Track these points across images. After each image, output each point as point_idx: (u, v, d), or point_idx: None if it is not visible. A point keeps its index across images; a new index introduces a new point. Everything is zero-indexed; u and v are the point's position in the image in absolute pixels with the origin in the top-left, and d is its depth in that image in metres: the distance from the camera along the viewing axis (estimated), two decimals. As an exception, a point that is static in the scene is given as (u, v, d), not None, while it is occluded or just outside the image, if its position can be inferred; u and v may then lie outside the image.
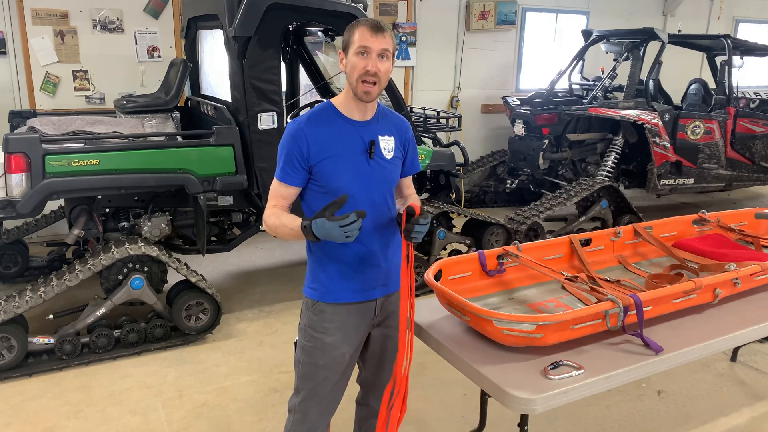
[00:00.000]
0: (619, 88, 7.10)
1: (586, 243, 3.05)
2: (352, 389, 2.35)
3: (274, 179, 2.13)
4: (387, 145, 2.15)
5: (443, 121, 5.68)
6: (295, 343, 2.25)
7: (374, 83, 2.01)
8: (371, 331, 2.26)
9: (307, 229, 1.95)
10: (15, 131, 4.36)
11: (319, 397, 2.20)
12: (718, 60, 7.20)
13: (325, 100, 5.36)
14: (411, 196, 2.37)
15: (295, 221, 2.02)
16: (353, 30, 2.03)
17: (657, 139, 6.46)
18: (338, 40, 5.34)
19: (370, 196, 2.11)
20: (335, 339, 2.15)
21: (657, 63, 6.93)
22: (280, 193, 2.11)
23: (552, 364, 2.11)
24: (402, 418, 2.24)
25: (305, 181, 2.10)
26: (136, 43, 6.03)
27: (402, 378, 2.18)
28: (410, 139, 2.27)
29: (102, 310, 3.88)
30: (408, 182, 2.36)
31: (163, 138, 4.16)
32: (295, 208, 2.15)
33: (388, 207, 2.18)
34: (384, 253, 2.17)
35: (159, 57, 6.11)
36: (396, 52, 2.11)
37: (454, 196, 5.48)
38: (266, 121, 4.11)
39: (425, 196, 5.29)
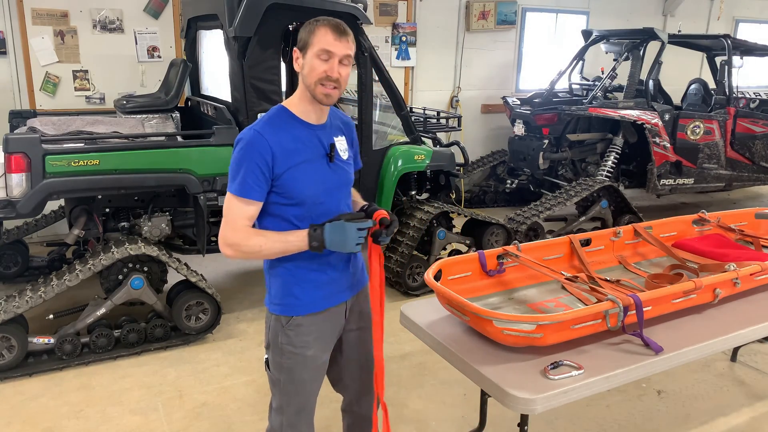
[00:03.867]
0: (619, 88, 7.11)
1: (586, 243, 3.05)
2: (336, 397, 2.33)
3: (230, 197, 1.94)
4: (341, 145, 2.11)
5: (443, 121, 5.68)
6: (266, 361, 2.17)
7: (335, 87, 1.95)
8: (343, 335, 2.22)
9: (317, 233, 1.90)
10: (15, 131, 4.36)
11: (307, 410, 2.17)
12: (718, 60, 7.20)
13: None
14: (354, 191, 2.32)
15: (293, 233, 1.94)
16: (314, 29, 1.92)
17: (657, 139, 6.47)
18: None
19: (335, 201, 2.06)
20: (315, 350, 2.10)
21: (657, 63, 6.94)
22: (243, 213, 1.93)
23: (552, 364, 2.11)
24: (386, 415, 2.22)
25: (266, 196, 1.96)
26: (136, 43, 6.03)
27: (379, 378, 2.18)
28: (355, 136, 2.23)
29: (102, 310, 3.87)
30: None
31: (163, 138, 4.16)
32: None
33: (349, 208, 2.15)
34: (349, 255, 2.13)
35: (159, 57, 6.11)
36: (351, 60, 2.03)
37: (454, 196, 5.48)
38: (266, 121, 4.10)
39: (425, 196, 5.29)
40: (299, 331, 2.07)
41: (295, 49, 1.98)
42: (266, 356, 2.16)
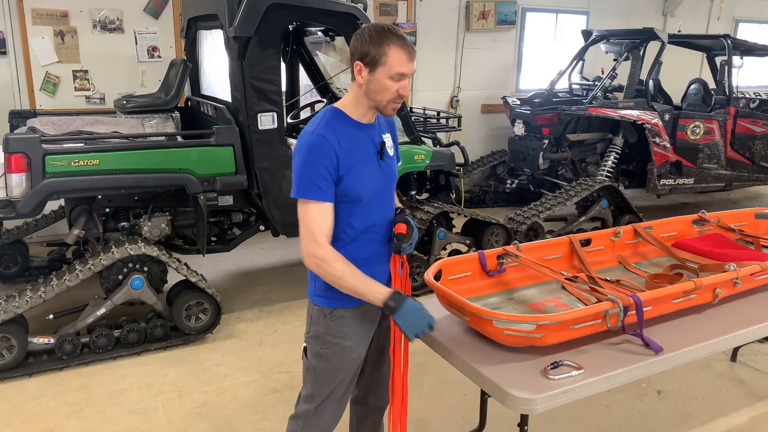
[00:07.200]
0: (619, 88, 7.10)
1: (586, 243, 3.05)
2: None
3: (305, 203, 1.95)
4: (388, 142, 2.17)
5: (443, 121, 5.67)
6: (304, 350, 2.22)
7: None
8: (376, 329, 2.27)
9: (398, 299, 1.93)
10: (15, 131, 4.36)
11: (336, 400, 2.22)
12: (718, 60, 7.20)
13: (324, 100, 5.38)
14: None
15: (378, 284, 1.97)
16: (385, 48, 1.90)
17: (657, 139, 6.46)
18: (339, 41, 5.33)
19: (384, 198, 2.12)
20: (353, 342, 2.16)
21: (657, 63, 6.93)
22: (322, 217, 1.94)
23: (552, 364, 2.11)
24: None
25: None
26: (136, 43, 6.03)
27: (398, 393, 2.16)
28: (395, 131, 2.29)
29: (102, 310, 3.87)
30: None
31: (163, 138, 4.16)
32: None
33: (393, 204, 2.22)
34: (387, 254, 2.18)
35: (159, 57, 6.11)
36: None
37: (454, 196, 5.47)
38: (266, 121, 4.11)
39: (425, 196, 5.29)
40: (341, 322, 2.14)
41: (356, 62, 1.95)
42: (304, 345, 2.22)
